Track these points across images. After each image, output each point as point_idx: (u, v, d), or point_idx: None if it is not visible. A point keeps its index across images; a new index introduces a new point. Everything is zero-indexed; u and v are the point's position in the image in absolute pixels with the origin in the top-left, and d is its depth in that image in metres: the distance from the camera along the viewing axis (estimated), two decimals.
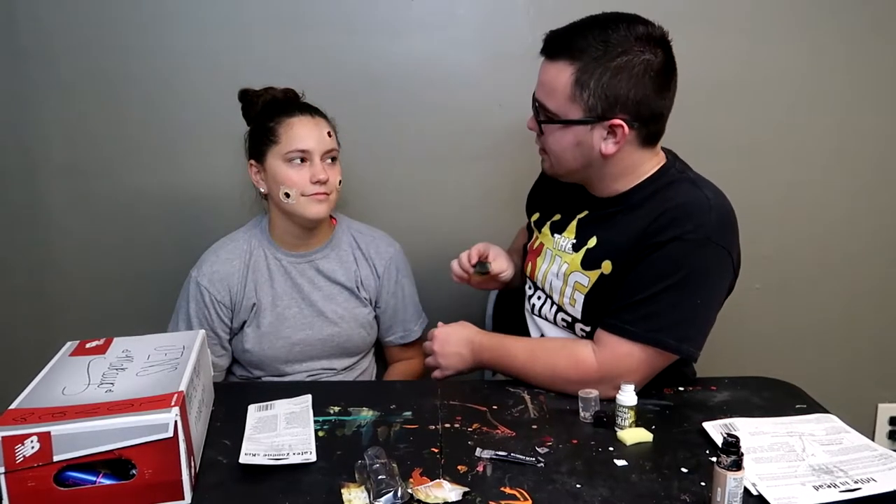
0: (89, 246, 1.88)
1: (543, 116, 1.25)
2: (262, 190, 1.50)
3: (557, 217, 1.39)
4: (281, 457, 1.01)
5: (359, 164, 1.76)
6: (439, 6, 1.76)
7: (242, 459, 1.00)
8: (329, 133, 1.47)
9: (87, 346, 1.15)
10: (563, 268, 1.32)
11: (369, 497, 0.92)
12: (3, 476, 0.87)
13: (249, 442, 1.05)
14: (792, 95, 1.82)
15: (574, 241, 1.32)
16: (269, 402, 1.20)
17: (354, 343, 1.58)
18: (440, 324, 1.39)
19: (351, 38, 1.76)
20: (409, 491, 0.94)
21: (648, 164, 1.27)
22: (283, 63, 1.76)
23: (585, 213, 1.33)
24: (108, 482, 0.91)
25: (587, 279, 1.27)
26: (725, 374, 1.33)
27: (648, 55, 1.17)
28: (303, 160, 1.43)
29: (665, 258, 1.18)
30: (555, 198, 1.42)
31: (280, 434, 1.08)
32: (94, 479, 0.91)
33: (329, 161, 1.46)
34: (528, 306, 1.44)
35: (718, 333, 1.27)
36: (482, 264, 1.41)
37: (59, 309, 1.92)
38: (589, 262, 1.28)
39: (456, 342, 1.35)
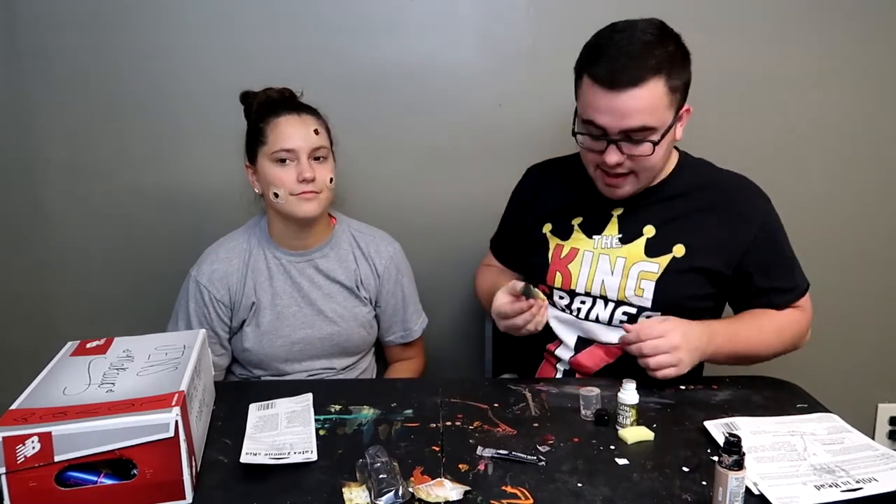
0: (89, 246, 1.88)
1: (656, 138, 1.23)
2: (258, 191, 1.50)
3: (579, 220, 1.39)
4: (282, 456, 1.01)
5: (359, 163, 1.76)
6: (439, 6, 1.76)
7: (243, 459, 1.00)
8: (316, 130, 1.45)
9: (88, 346, 1.15)
10: (619, 262, 1.33)
11: (370, 496, 0.92)
12: (4, 476, 0.87)
13: (250, 441, 1.05)
14: (797, 99, 1.82)
15: (619, 235, 1.34)
16: (269, 401, 1.20)
17: (354, 342, 1.58)
18: (651, 319, 1.27)
19: (351, 38, 1.76)
20: (410, 490, 0.94)
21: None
22: (283, 63, 1.76)
23: (621, 209, 1.35)
24: (109, 482, 0.91)
25: (656, 265, 1.30)
26: (727, 374, 1.33)
27: (680, 42, 1.26)
28: (290, 159, 1.43)
29: (764, 224, 1.32)
30: (565, 204, 1.42)
31: (281, 433, 1.08)
32: (95, 479, 0.91)
33: (317, 159, 1.45)
34: (567, 317, 1.39)
35: None
36: (526, 286, 1.23)
37: (60, 309, 1.92)
38: (655, 250, 1.31)
39: (695, 336, 1.22)
